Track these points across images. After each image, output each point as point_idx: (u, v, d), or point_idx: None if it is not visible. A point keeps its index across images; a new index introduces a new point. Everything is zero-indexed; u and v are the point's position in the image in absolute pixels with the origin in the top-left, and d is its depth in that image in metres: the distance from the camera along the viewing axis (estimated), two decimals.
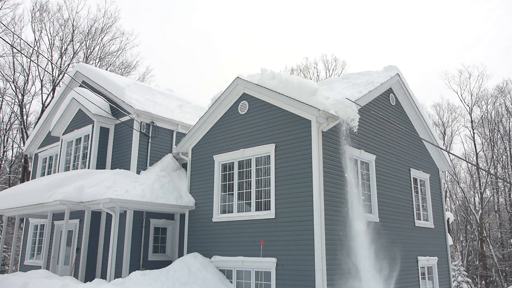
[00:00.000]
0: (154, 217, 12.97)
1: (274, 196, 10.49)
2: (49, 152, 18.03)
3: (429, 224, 14.13)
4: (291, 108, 10.53)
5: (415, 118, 14.44)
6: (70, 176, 12.49)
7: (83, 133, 14.64)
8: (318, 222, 9.45)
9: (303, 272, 9.49)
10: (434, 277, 13.75)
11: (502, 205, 39.63)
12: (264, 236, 10.43)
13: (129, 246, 11.28)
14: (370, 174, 11.78)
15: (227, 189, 11.87)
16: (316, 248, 9.34)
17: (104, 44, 34.24)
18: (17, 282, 9.86)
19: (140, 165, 13.30)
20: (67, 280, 10.16)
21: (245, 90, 11.80)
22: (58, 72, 31.30)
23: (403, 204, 12.90)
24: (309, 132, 10.08)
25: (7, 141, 34.46)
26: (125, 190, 11.36)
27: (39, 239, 16.51)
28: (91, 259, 12.71)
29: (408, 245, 12.64)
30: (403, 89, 13.77)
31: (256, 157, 11.26)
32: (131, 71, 36.10)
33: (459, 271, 29.40)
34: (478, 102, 41.01)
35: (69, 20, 32.45)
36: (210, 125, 12.62)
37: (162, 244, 13.23)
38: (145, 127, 13.68)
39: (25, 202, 12.57)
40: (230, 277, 11.04)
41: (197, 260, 11.17)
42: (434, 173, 15.28)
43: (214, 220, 11.78)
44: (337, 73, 42.88)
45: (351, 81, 12.92)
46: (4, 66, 30.97)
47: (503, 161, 39.43)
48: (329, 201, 9.85)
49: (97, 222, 13.18)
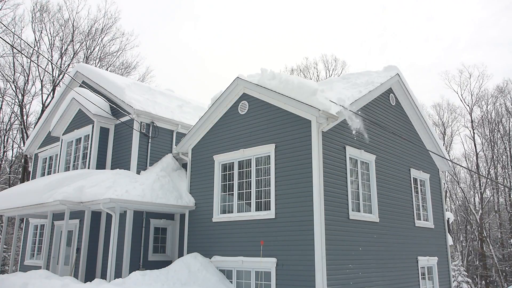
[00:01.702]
0: (154, 217, 12.98)
1: (274, 196, 10.49)
2: (49, 152, 18.03)
3: (429, 224, 14.13)
4: (291, 108, 10.53)
5: (415, 118, 14.44)
6: (70, 176, 12.49)
7: (83, 133, 14.64)
8: (318, 222, 9.45)
9: (303, 272, 9.49)
10: (434, 277, 13.75)
11: (502, 205, 39.63)
12: (264, 236, 10.43)
13: (129, 246, 11.28)
14: (370, 174, 11.78)
15: (227, 189, 11.87)
16: (316, 248, 9.33)
17: (104, 45, 34.31)
18: (17, 282, 9.86)
19: (140, 165, 13.30)
20: (67, 280, 10.15)
21: (245, 90, 11.80)
22: (58, 72, 31.32)
23: (403, 204, 12.90)
24: (309, 132, 10.08)
25: (7, 141, 34.49)
26: (125, 190, 11.36)
27: (39, 239, 16.51)
28: (91, 259, 12.71)
29: (408, 245, 12.64)
30: (403, 89, 13.78)
31: (256, 157, 11.26)
32: (131, 71, 36.16)
33: (459, 271, 29.41)
34: (478, 102, 41.07)
35: (69, 21, 32.50)
36: (210, 125, 12.62)
37: (162, 244, 13.23)
38: (145, 127, 13.68)
39: (25, 202, 12.57)
40: (230, 277, 11.04)
41: (197, 260, 11.16)
42: (434, 173, 15.29)
43: (214, 220, 11.78)
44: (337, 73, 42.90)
45: (351, 81, 12.93)
46: (4, 66, 31.02)
47: (503, 161, 39.44)
48: (329, 201, 9.85)
49: (97, 222, 13.19)
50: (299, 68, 44.42)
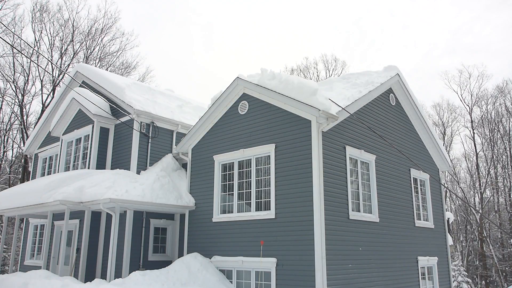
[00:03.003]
0: (154, 217, 12.98)
1: (274, 196, 10.49)
2: (49, 152, 18.03)
3: (429, 224, 14.13)
4: (291, 108, 10.53)
5: (415, 118, 14.45)
6: (70, 176, 12.49)
7: (83, 133, 14.64)
8: (318, 222, 9.45)
9: (303, 272, 9.49)
10: (434, 277, 13.76)
11: (502, 205, 39.63)
12: (264, 236, 10.43)
13: (129, 246, 11.28)
14: (370, 174, 11.78)
15: (227, 189, 11.87)
16: (316, 248, 9.33)
17: (104, 45, 34.30)
18: (17, 282, 9.85)
19: (140, 165, 13.30)
20: (67, 280, 10.15)
21: (245, 90, 11.80)
22: (58, 72, 31.31)
23: (403, 204, 12.90)
24: (309, 132, 10.08)
25: (7, 141, 34.48)
26: (125, 190, 11.36)
27: (39, 239, 16.51)
28: (91, 259, 12.71)
29: (408, 245, 12.64)
30: (403, 89, 13.78)
31: (256, 157, 11.26)
32: (131, 71, 36.16)
33: (459, 271, 29.40)
34: (478, 102, 41.07)
35: (69, 21, 32.50)
36: (210, 125, 12.62)
37: (162, 244, 13.23)
38: (145, 127, 13.68)
39: (25, 202, 12.57)
40: (230, 277, 11.04)
41: (197, 260, 11.16)
42: (434, 173, 15.28)
43: (214, 220, 11.78)
44: (337, 73, 42.89)
45: (351, 81, 12.94)
46: (4, 66, 31.02)
47: (503, 161, 39.44)
48: (329, 201, 9.85)
49: (97, 222, 13.19)
50: (299, 68, 44.43)
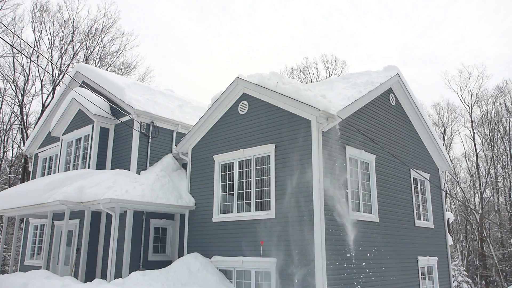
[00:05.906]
0: (154, 217, 12.97)
1: (274, 196, 10.49)
2: (49, 152, 18.03)
3: (429, 224, 14.13)
4: (291, 108, 10.53)
5: (415, 118, 14.45)
6: (70, 176, 12.49)
7: (83, 133, 14.64)
8: (318, 222, 9.44)
9: (303, 272, 9.49)
10: (434, 277, 13.75)
11: (502, 205, 39.62)
12: (264, 236, 10.43)
13: (129, 246, 11.28)
14: (370, 174, 11.77)
15: (227, 189, 11.87)
16: (316, 247, 9.33)
17: (104, 45, 34.29)
18: (17, 282, 9.86)
19: (140, 165, 13.30)
20: (67, 280, 10.15)
21: (245, 90, 11.80)
22: (58, 72, 31.32)
23: (403, 204, 12.90)
24: (309, 132, 10.08)
25: (7, 141, 34.48)
26: (125, 190, 11.37)
27: (39, 239, 16.51)
28: (91, 259, 12.71)
29: (408, 245, 12.64)
30: (403, 89, 13.77)
31: (256, 157, 11.25)
32: (131, 71, 36.16)
33: (459, 271, 29.39)
34: (478, 102, 41.04)
35: (69, 21, 32.49)
36: (210, 125, 12.62)
37: (162, 244, 13.23)
38: (145, 127, 13.68)
39: (25, 202, 12.57)
40: (230, 277, 11.03)
41: (197, 260, 11.16)
42: (434, 173, 15.28)
43: (214, 220, 11.78)
44: (337, 73, 42.87)
45: (351, 81, 12.93)
46: (4, 67, 31.04)
47: (503, 161, 39.43)
48: (329, 201, 9.84)
49: (97, 222, 13.19)
50: (299, 68, 44.36)
